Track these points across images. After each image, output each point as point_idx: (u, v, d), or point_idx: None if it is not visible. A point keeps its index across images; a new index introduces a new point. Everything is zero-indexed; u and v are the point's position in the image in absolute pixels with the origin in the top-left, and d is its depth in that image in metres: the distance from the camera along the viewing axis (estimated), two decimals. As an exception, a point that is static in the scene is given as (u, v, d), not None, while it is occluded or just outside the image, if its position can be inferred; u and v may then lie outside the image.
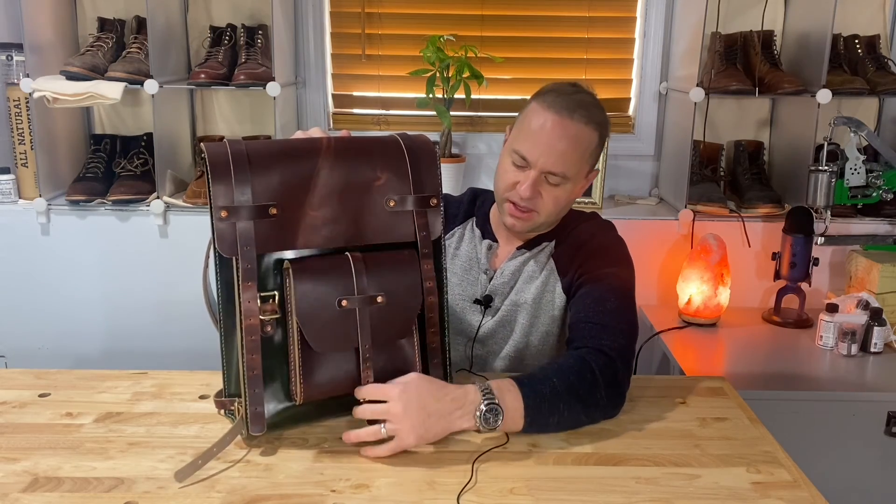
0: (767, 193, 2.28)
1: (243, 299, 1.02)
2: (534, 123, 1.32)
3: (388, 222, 1.11)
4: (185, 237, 2.24)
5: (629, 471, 1.03)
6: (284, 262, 1.06)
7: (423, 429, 1.05)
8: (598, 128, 1.34)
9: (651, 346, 2.12)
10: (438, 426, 1.07)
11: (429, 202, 1.14)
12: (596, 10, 2.43)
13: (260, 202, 1.04)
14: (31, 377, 1.29)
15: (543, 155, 1.30)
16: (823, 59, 2.12)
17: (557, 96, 1.32)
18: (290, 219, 1.05)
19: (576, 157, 1.32)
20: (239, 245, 1.03)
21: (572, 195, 1.37)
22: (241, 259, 1.03)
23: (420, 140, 1.18)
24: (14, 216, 2.25)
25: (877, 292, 2.02)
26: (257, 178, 1.04)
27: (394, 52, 2.46)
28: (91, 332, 2.29)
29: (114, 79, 2.17)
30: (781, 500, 0.96)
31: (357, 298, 1.06)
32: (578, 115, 1.31)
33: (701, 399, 1.25)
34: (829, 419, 1.72)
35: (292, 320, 1.05)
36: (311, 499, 0.96)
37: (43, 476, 0.99)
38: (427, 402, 1.06)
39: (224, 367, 1.07)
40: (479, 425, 1.08)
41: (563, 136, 1.30)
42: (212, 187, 1.03)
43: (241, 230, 1.03)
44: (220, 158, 1.03)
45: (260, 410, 1.04)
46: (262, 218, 1.04)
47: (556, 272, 1.39)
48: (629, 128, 2.51)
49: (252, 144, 1.07)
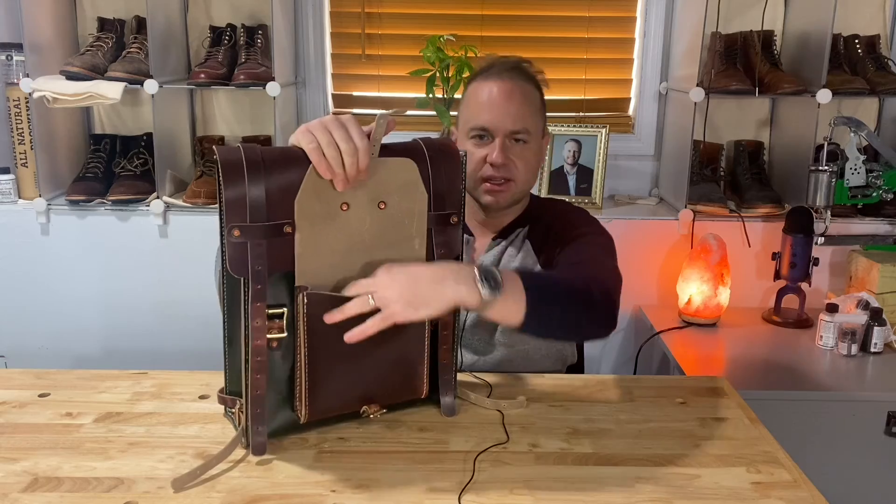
0: (767, 193, 2.28)
1: (251, 320, 0.99)
2: (481, 96, 1.39)
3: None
4: (185, 237, 2.24)
5: (629, 471, 1.03)
6: (295, 284, 1.01)
7: (411, 294, 0.99)
8: (536, 84, 1.43)
9: (651, 346, 2.12)
10: (430, 291, 1.00)
11: (449, 220, 1.11)
12: (596, 10, 2.44)
13: (275, 220, 0.98)
14: (31, 377, 1.29)
15: (501, 117, 1.36)
16: (823, 59, 2.12)
17: (491, 68, 1.42)
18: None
19: (529, 111, 1.39)
20: (250, 265, 0.97)
21: (539, 156, 1.43)
22: (251, 280, 0.98)
23: (444, 148, 1.11)
24: (14, 216, 2.25)
25: (877, 292, 2.02)
26: (273, 192, 0.97)
27: (394, 52, 2.46)
28: (91, 332, 2.29)
29: (114, 79, 2.17)
30: (781, 500, 0.96)
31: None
32: (516, 74, 1.40)
33: (701, 399, 1.25)
34: (829, 419, 1.72)
35: (301, 341, 1.02)
36: (311, 499, 0.95)
37: (43, 476, 0.99)
38: (416, 269, 1.02)
39: (226, 366, 1.06)
40: (478, 286, 1.00)
41: (512, 95, 1.37)
42: (224, 200, 0.96)
43: (253, 250, 0.97)
44: (234, 168, 0.96)
45: (262, 431, 1.03)
46: (277, 237, 0.98)
47: (532, 252, 1.41)
48: (629, 128, 2.51)
49: (268, 152, 0.99)
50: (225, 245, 0.97)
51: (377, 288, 1.00)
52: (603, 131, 2.34)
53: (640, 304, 2.26)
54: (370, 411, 1.11)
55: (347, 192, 1.01)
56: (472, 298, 1.01)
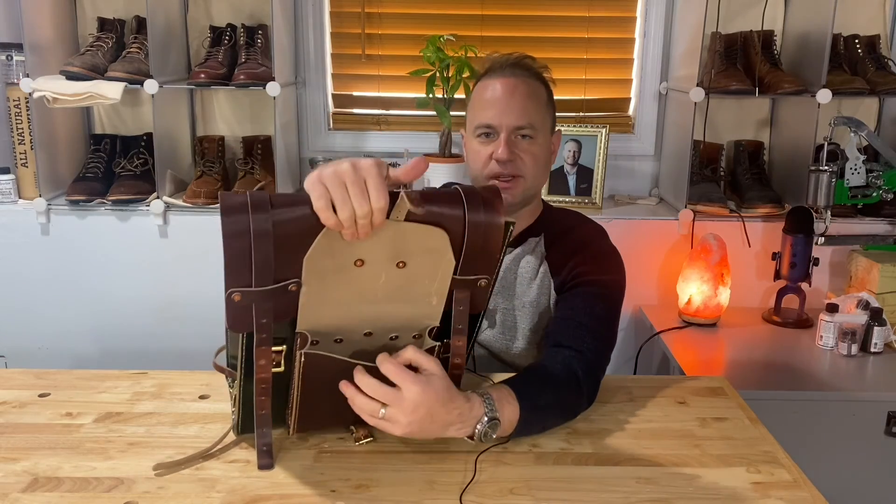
0: (767, 193, 2.28)
1: (256, 360, 0.94)
2: (485, 95, 1.38)
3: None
4: (185, 237, 2.24)
5: (629, 471, 1.03)
6: (297, 329, 0.96)
7: (418, 429, 1.01)
8: (542, 79, 1.42)
9: (651, 346, 2.12)
10: (432, 432, 1.03)
11: (476, 284, 1.01)
12: (596, 10, 2.43)
13: (282, 278, 0.91)
14: (30, 377, 1.28)
15: (505, 113, 1.35)
16: (823, 59, 2.12)
17: (495, 65, 1.41)
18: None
19: (534, 107, 1.37)
20: (255, 320, 0.92)
21: (547, 152, 1.41)
22: (256, 331, 0.93)
23: (488, 208, 0.96)
24: (14, 216, 2.25)
25: (877, 292, 2.02)
26: (282, 249, 0.89)
27: (394, 52, 2.46)
28: (91, 332, 2.29)
29: (114, 79, 2.17)
30: (781, 500, 0.96)
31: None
32: (520, 71, 1.39)
33: (701, 399, 1.25)
34: (829, 419, 1.72)
35: (297, 375, 1.00)
36: (311, 499, 0.95)
37: (43, 476, 0.99)
38: (435, 410, 1.01)
39: (228, 347, 1.03)
40: (476, 439, 1.04)
41: (516, 91, 1.36)
42: (225, 257, 0.89)
43: (258, 308, 0.91)
44: (239, 231, 0.87)
45: (268, 446, 1.02)
46: (282, 295, 0.92)
47: (549, 273, 1.38)
48: (629, 128, 2.51)
49: (279, 202, 0.89)
50: (226, 307, 0.91)
51: (396, 407, 0.99)
52: (603, 131, 2.34)
53: (640, 304, 2.26)
54: (358, 435, 1.09)
55: (364, 249, 0.92)
56: (467, 438, 1.05)
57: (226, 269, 0.89)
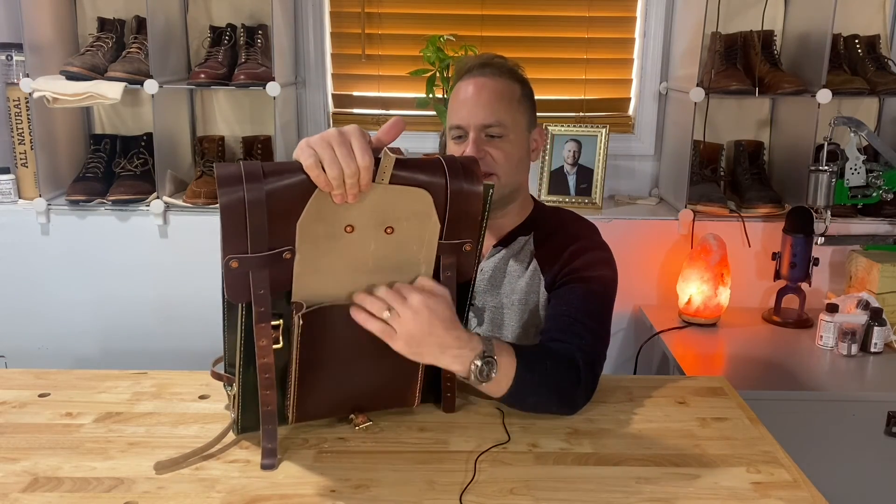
0: (767, 193, 2.28)
1: (257, 340, 0.98)
2: (458, 97, 1.39)
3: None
4: (185, 237, 2.24)
5: (629, 471, 1.03)
6: (292, 300, 0.99)
7: (417, 345, 1.03)
8: (514, 77, 1.40)
9: (651, 346, 2.12)
10: (431, 353, 1.04)
11: (461, 248, 1.06)
12: (596, 10, 2.44)
13: (276, 245, 0.94)
14: (30, 377, 1.28)
15: (472, 113, 1.35)
16: (823, 59, 2.12)
17: (463, 67, 1.42)
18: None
19: (502, 105, 1.36)
20: (252, 290, 0.95)
21: (521, 149, 1.39)
22: (254, 303, 0.96)
23: (467, 172, 1.02)
24: (14, 216, 2.25)
25: (877, 292, 2.02)
26: (274, 216, 0.92)
27: (394, 52, 2.46)
28: (91, 332, 2.30)
29: (114, 79, 2.17)
30: (781, 500, 0.96)
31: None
32: (489, 70, 1.38)
33: (701, 399, 1.25)
34: (829, 419, 1.72)
35: (295, 353, 1.01)
36: (311, 499, 0.95)
37: (43, 476, 0.99)
38: (435, 326, 1.03)
39: (226, 345, 1.05)
40: (470, 373, 1.06)
41: (482, 90, 1.36)
42: (222, 226, 0.92)
43: (254, 276, 0.94)
44: (234, 202, 0.90)
45: (273, 447, 1.02)
46: (277, 263, 0.96)
47: (539, 271, 1.38)
48: (629, 128, 2.51)
49: (269, 169, 0.93)
50: (224, 277, 0.94)
51: (399, 312, 1.01)
52: (603, 131, 2.34)
53: (640, 304, 2.26)
54: (357, 421, 1.10)
55: (353, 214, 0.97)
56: (460, 372, 1.08)
57: (222, 238, 0.93)
